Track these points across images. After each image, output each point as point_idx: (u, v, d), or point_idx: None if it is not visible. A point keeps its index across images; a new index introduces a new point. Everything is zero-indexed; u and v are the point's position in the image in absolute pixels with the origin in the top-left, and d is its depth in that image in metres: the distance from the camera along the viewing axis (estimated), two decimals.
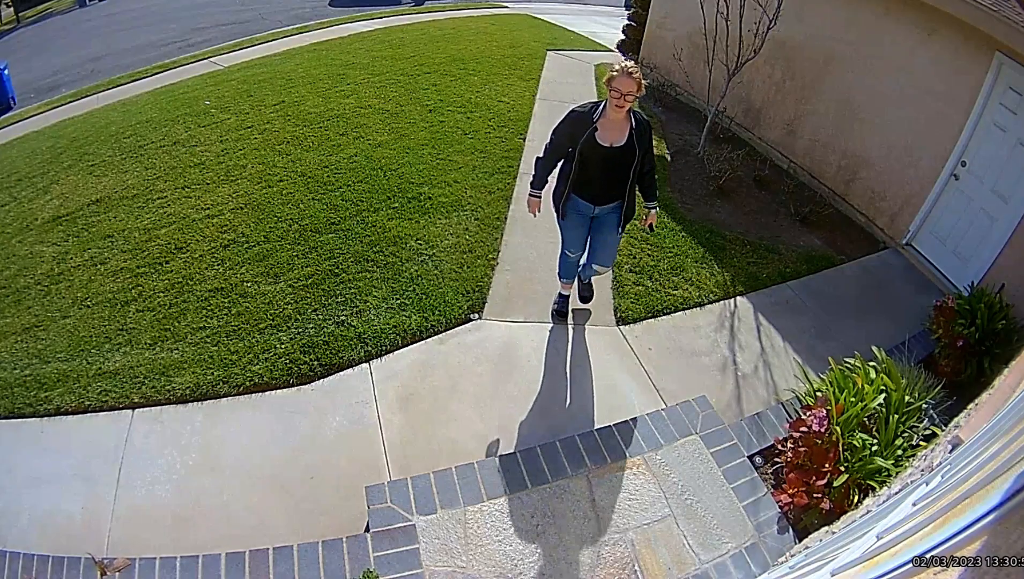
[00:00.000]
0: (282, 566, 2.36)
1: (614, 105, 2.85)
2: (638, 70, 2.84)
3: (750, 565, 2.49)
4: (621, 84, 2.80)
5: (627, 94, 2.80)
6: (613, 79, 2.83)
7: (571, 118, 3.03)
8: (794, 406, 3.28)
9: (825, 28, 5.34)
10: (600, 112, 2.96)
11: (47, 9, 15.58)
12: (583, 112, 2.99)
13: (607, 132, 2.96)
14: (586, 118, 2.97)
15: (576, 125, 2.99)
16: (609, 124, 2.95)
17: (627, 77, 2.79)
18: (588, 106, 3.02)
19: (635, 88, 2.81)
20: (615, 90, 2.81)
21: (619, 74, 2.81)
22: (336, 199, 4.73)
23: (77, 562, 2.40)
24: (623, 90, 2.79)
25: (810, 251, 4.76)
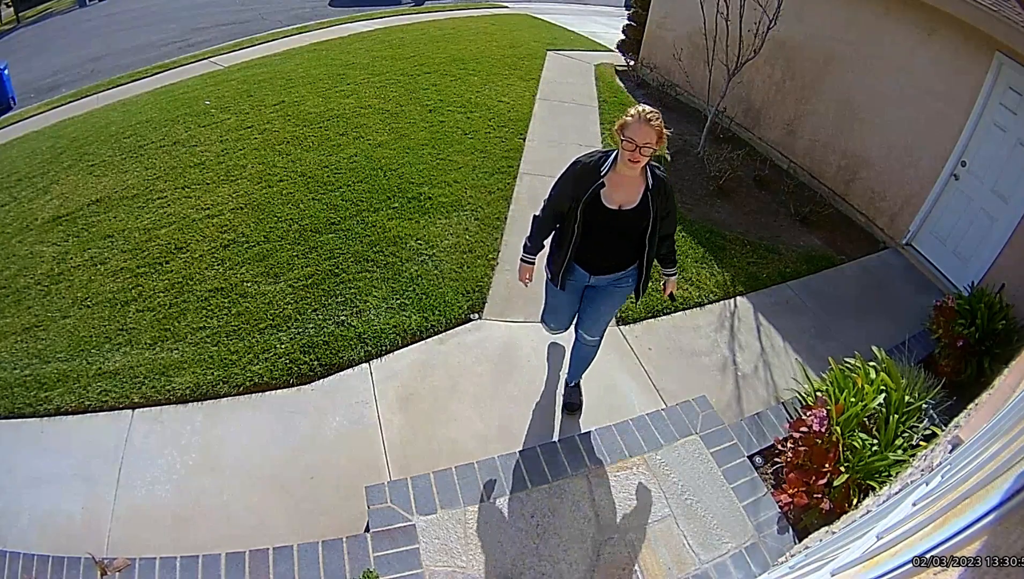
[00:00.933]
0: (282, 566, 2.36)
1: (627, 160, 2.34)
2: (658, 116, 2.32)
3: (750, 565, 2.50)
4: (637, 133, 2.28)
5: (644, 146, 2.28)
6: (627, 126, 2.31)
7: (574, 171, 2.53)
8: (794, 406, 3.28)
9: (825, 28, 5.34)
10: (609, 165, 2.44)
11: (47, 9, 15.58)
12: (588, 165, 2.49)
13: (616, 191, 2.46)
14: (592, 173, 2.47)
15: (579, 180, 2.48)
16: (619, 181, 2.45)
17: (645, 125, 2.28)
18: (596, 156, 2.51)
19: (654, 139, 2.29)
20: (629, 140, 2.29)
21: (635, 120, 2.29)
22: (336, 199, 4.73)
23: (77, 562, 2.40)
24: (639, 141, 2.28)
25: (810, 251, 4.76)
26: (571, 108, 6.87)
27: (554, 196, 2.60)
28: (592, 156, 2.52)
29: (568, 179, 2.54)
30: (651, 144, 2.29)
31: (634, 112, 2.32)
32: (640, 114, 2.30)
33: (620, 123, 2.35)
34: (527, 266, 2.79)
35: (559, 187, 2.58)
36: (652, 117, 2.30)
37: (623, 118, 2.35)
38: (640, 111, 2.32)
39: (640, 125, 2.28)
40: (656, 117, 2.31)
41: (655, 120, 2.30)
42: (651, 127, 2.29)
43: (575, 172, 2.52)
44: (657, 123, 2.30)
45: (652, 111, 2.31)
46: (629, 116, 2.33)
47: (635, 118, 2.30)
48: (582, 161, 2.53)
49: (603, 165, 2.46)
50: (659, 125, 2.31)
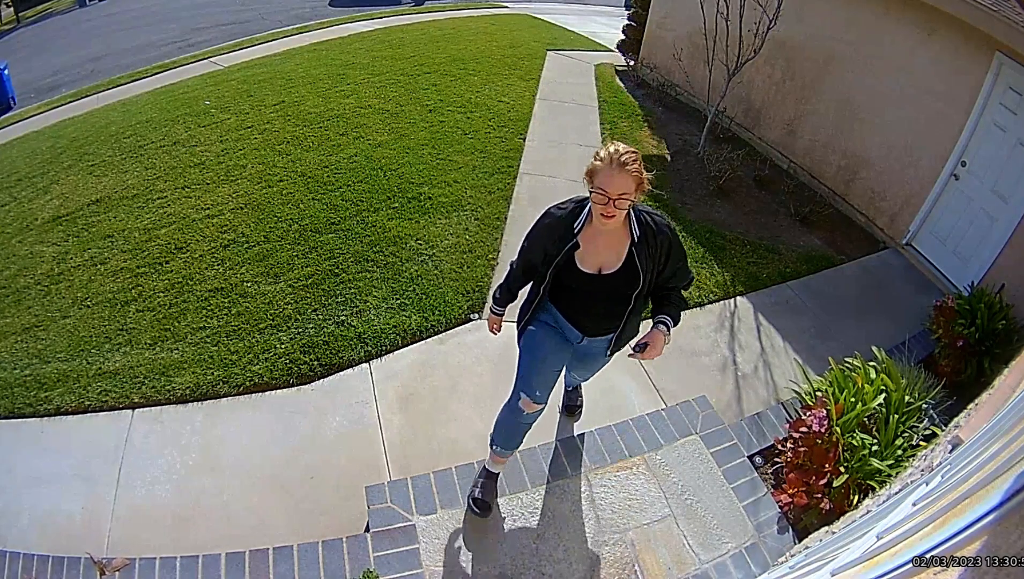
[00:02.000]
0: (282, 566, 2.36)
1: (599, 214, 1.90)
2: (635, 157, 1.86)
3: (750, 565, 2.49)
4: (609, 182, 1.83)
5: (620, 198, 1.84)
6: (596, 173, 1.87)
7: (543, 226, 2.12)
8: (794, 406, 3.28)
9: (825, 28, 5.34)
10: (584, 218, 2.01)
11: (47, 9, 15.58)
12: (559, 218, 2.06)
13: (593, 251, 2.03)
14: (563, 229, 2.03)
15: (549, 237, 2.07)
16: (596, 239, 2.01)
17: (618, 171, 1.83)
18: (568, 207, 2.06)
19: (632, 187, 1.85)
20: (599, 191, 1.85)
21: (605, 166, 1.85)
22: (336, 199, 4.73)
23: (77, 562, 2.40)
24: (612, 192, 1.83)
25: (810, 251, 4.76)
26: (571, 108, 6.87)
27: (524, 249, 2.22)
28: (564, 207, 2.08)
29: (537, 236, 2.15)
30: (628, 194, 1.84)
31: (604, 155, 1.87)
32: (612, 157, 1.84)
33: (588, 169, 1.91)
34: (495, 318, 2.47)
35: (529, 242, 2.19)
36: (628, 159, 1.83)
37: (591, 162, 1.90)
38: (612, 153, 1.85)
39: (612, 172, 1.83)
40: (632, 159, 1.85)
41: (632, 163, 1.84)
42: (627, 173, 1.83)
43: (544, 227, 2.11)
44: (634, 167, 1.84)
45: (627, 151, 1.86)
46: (598, 160, 1.88)
47: (605, 163, 1.85)
48: (552, 213, 2.10)
49: (577, 219, 2.02)
50: (637, 169, 1.85)
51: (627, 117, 6.75)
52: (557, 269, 2.07)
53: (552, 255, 2.06)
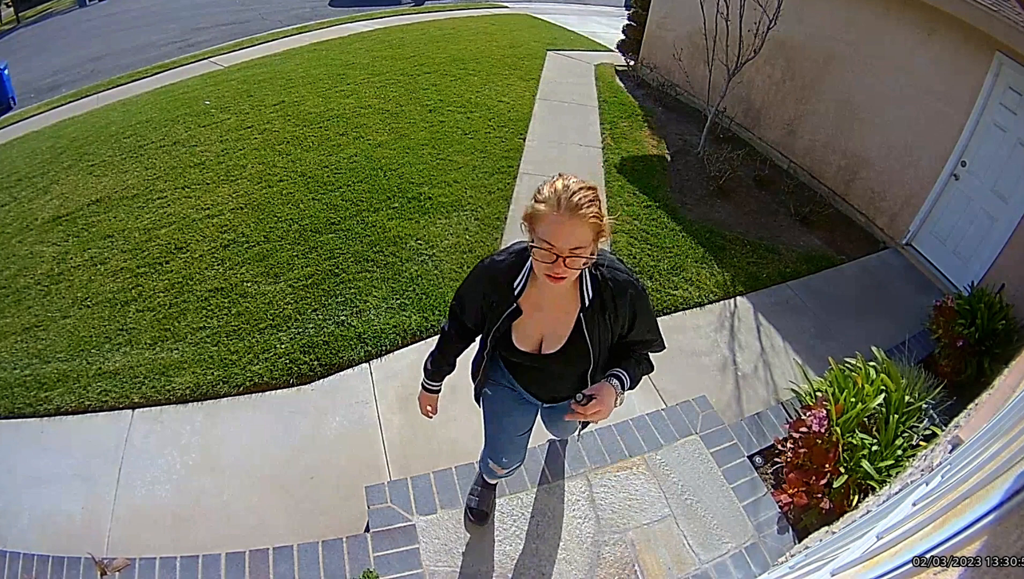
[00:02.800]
0: (282, 566, 2.36)
1: (543, 275, 1.41)
2: (593, 197, 1.36)
3: (750, 565, 2.49)
4: (556, 232, 1.34)
5: (571, 256, 1.35)
6: (538, 218, 1.37)
7: (477, 283, 1.67)
8: (794, 406, 3.28)
9: (825, 28, 5.34)
10: (525, 276, 1.56)
11: (47, 9, 15.58)
12: (496, 273, 1.60)
13: (535, 321, 1.62)
14: (500, 288, 1.59)
15: (484, 298, 1.65)
16: (540, 302, 1.58)
17: (568, 216, 1.33)
18: (508, 260, 1.59)
19: (588, 238, 1.36)
20: (544, 245, 1.35)
21: (550, 208, 1.34)
22: (336, 199, 4.73)
23: (77, 562, 2.40)
24: (560, 246, 1.34)
25: (810, 251, 4.76)
26: (571, 108, 6.87)
27: (455, 311, 1.81)
28: (504, 257, 1.60)
29: (470, 296, 1.71)
30: (583, 249, 1.34)
31: (548, 193, 1.35)
32: (561, 198, 1.32)
33: (527, 213, 1.39)
34: (428, 396, 1.96)
35: (460, 303, 1.77)
36: (582, 200, 1.32)
37: (532, 204, 1.38)
38: (560, 192, 1.33)
39: (561, 218, 1.31)
40: (588, 199, 1.33)
41: (587, 204, 1.32)
42: (581, 219, 1.32)
43: (478, 284, 1.67)
44: (591, 209, 1.33)
45: (580, 187, 1.34)
46: (541, 201, 1.35)
47: (551, 205, 1.33)
48: (488, 267, 1.63)
49: (518, 276, 1.57)
50: (595, 213, 1.34)
51: (627, 117, 6.76)
52: (494, 338, 1.67)
53: (490, 318, 1.65)
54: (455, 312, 1.83)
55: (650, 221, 4.80)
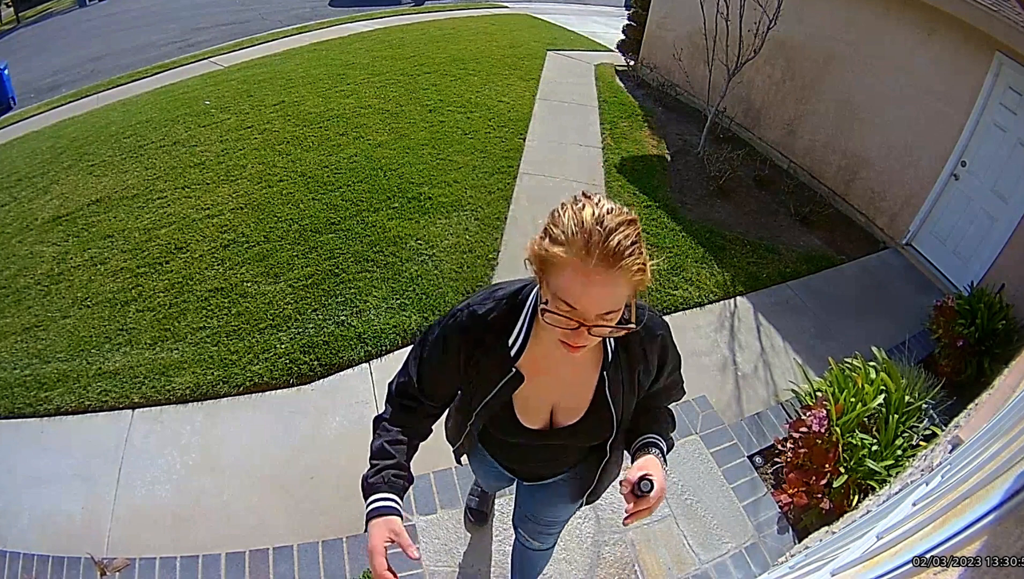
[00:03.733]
0: (282, 566, 2.37)
1: (559, 341, 1.03)
2: (634, 235, 0.95)
3: (750, 565, 2.50)
4: (583, 292, 0.94)
5: (600, 325, 0.97)
6: (557, 267, 0.95)
7: (447, 345, 1.21)
8: (794, 406, 3.28)
9: (825, 28, 5.34)
10: (524, 330, 1.15)
11: (47, 9, 15.57)
12: (480, 330, 1.17)
13: (542, 387, 1.21)
14: (487, 350, 1.17)
15: (463, 369, 1.22)
16: (546, 364, 1.18)
17: (603, 270, 0.92)
18: (493, 310, 1.17)
19: (622, 300, 0.99)
20: (563, 311, 0.96)
21: (576, 255, 0.93)
22: (336, 199, 4.73)
23: (77, 562, 2.40)
24: (588, 310, 0.95)
25: (810, 251, 4.76)
26: (571, 108, 6.87)
27: (421, 379, 1.26)
28: (489, 306, 1.17)
29: (442, 362, 1.22)
30: (616, 313, 0.98)
31: (570, 227, 0.93)
32: (592, 240, 0.91)
33: (539, 254, 0.98)
34: (382, 527, 1.20)
35: (428, 370, 1.25)
36: (622, 244, 0.92)
37: (546, 244, 0.96)
38: (589, 229, 0.92)
39: (591, 273, 0.92)
40: (629, 240, 0.93)
41: (628, 250, 0.93)
42: (619, 273, 0.93)
43: (451, 351, 1.20)
44: (633, 259, 0.94)
45: (620, 222, 0.94)
46: (559, 240, 0.94)
47: (577, 249, 0.92)
48: (464, 325, 1.17)
49: (513, 331, 1.14)
50: (639, 264, 0.95)
51: (627, 117, 6.75)
52: (481, 411, 1.25)
53: (475, 394, 1.22)
54: (407, 392, 1.26)
55: (650, 221, 4.80)
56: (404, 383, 1.29)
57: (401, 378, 1.31)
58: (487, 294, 1.21)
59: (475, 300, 1.20)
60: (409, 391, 1.29)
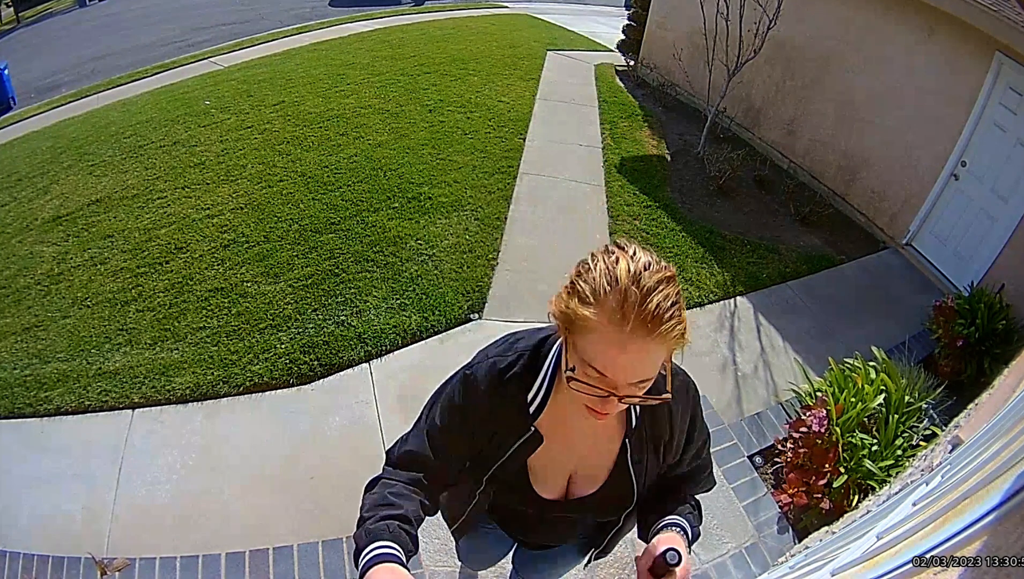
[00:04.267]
0: (282, 566, 2.37)
1: (583, 407, 0.92)
2: (675, 298, 0.84)
3: (750, 565, 2.49)
4: (614, 359, 0.83)
5: (631, 393, 0.88)
6: (582, 325, 0.85)
7: (470, 405, 1.08)
8: (794, 406, 3.28)
9: (825, 28, 5.34)
10: (545, 386, 1.04)
11: (47, 9, 15.57)
12: (505, 390, 1.05)
13: (560, 452, 1.10)
14: (507, 409, 1.06)
15: (482, 426, 1.08)
16: (565, 425, 1.07)
17: (639, 337, 0.81)
18: (515, 364, 1.06)
19: (658, 366, 0.87)
20: (588, 369, 0.86)
21: (611, 316, 0.82)
22: (336, 199, 4.73)
23: (77, 562, 2.40)
24: (619, 379, 0.85)
25: (810, 251, 4.76)
26: (571, 108, 6.87)
27: (431, 445, 1.10)
28: (511, 359, 1.07)
29: (458, 425, 1.09)
30: (650, 380, 0.88)
31: (603, 285, 0.84)
32: (628, 302, 0.81)
33: (566, 312, 0.88)
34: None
35: (440, 434, 1.10)
36: (662, 306, 0.82)
37: (574, 303, 0.87)
38: (625, 289, 0.82)
39: (627, 340, 0.82)
40: (670, 300, 0.83)
41: (668, 313, 0.83)
42: (658, 340, 0.83)
43: (475, 411, 1.07)
44: (674, 324, 0.84)
45: (659, 279, 0.84)
46: (589, 300, 0.85)
47: (613, 316, 0.82)
48: (489, 382, 1.06)
49: (532, 386, 1.04)
50: (681, 329, 0.85)
51: (627, 117, 6.76)
52: (495, 475, 1.12)
53: (489, 457, 1.10)
54: (416, 459, 1.09)
55: (650, 221, 4.80)
56: (412, 452, 1.10)
57: (406, 446, 1.12)
58: (507, 345, 1.11)
59: (494, 351, 1.11)
60: (418, 458, 1.09)
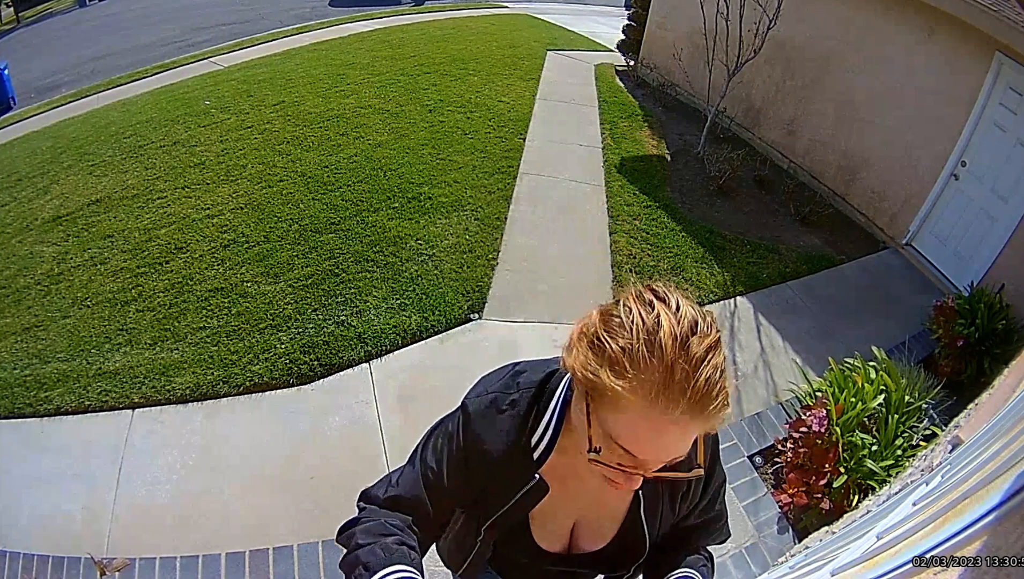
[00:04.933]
0: (282, 566, 2.37)
1: (601, 477, 0.79)
2: (723, 367, 0.70)
3: (750, 565, 2.49)
4: (648, 441, 0.71)
5: (659, 474, 0.78)
6: (609, 399, 0.71)
7: (470, 450, 0.96)
8: (794, 406, 3.28)
9: (825, 28, 5.34)
10: (551, 430, 0.92)
11: (47, 9, 15.56)
12: (500, 432, 0.94)
13: (564, 503, 0.99)
14: (510, 455, 0.93)
15: (480, 472, 0.96)
16: (572, 477, 0.95)
17: (684, 418, 0.69)
18: (519, 404, 0.94)
19: (690, 445, 0.74)
20: (615, 447, 0.73)
21: (642, 398, 0.68)
22: (336, 199, 4.73)
23: (77, 562, 2.40)
24: (650, 459, 0.74)
25: (810, 251, 4.76)
26: (571, 108, 6.87)
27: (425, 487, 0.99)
28: (515, 397, 0.96)
29: (453, 470, 0.98)
30: (681, 458, 0.76)
31: (641, 353, 0.69)
32: (674, 379, 0.67)
33: (591, 381, 0.72)
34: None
35: (436, 478, 0.99)
36: (711, 381, 0.68)
37: (606, 373, 0.70)
38: (671, 362, 0.68)
39: (667, 422, 0.69)
40: (719, 370, 0.70)
41: (717, 387, 0.69)
42: (702, 420, 0.70)
43: (465, 449, 0.97)
44: (722, 401, 0.70)
45: (707, 346, 0.69)
46: (622, 373, 0.69)
47: (652, 394, 0.68)
48: (487, 407, 0.97)
49: (537, 428, 0.93)
50: (724, 400, 0.70)
51: (627, 117, 6.76)
52: (494, 524, 1.01)
53: (488, 505, 0.99)
54: (400, 503, 0.97)
55: (650, 221, 4.80)
56: (400, 496, 0.97)
57: (394, 488, 0.98)
58: (509, 379, 0.98)
59: (495, 386, 0.98)
60: (409, 501, 0.96)
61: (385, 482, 1.02)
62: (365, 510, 0.97)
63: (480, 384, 1.03)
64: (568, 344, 0.79)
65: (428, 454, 1.01)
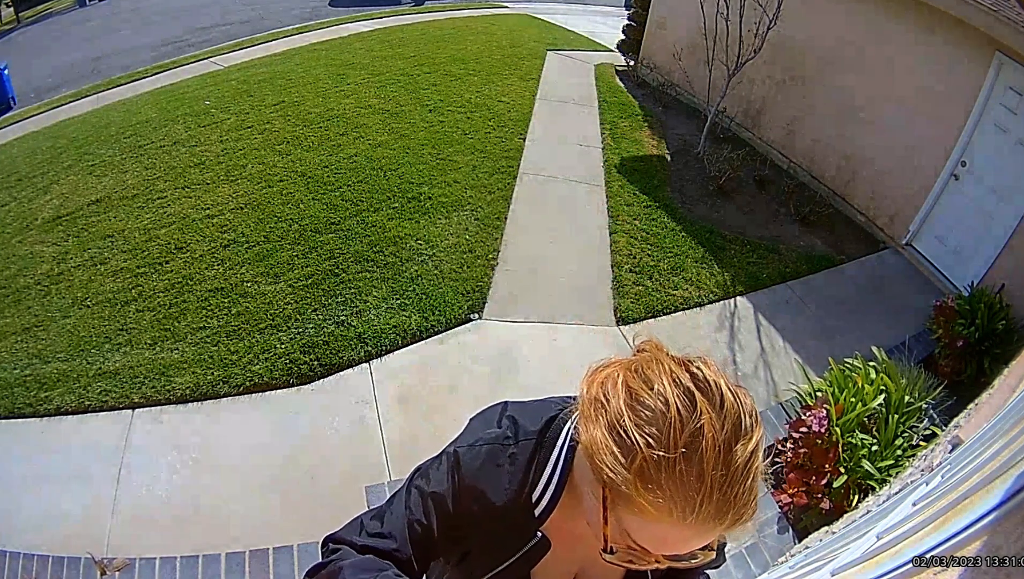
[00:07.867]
0: (282, 566, 2.37)
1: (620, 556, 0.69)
2: (757, 469, 0.62)
3: (750, 565, 2.49)
4: (667, 545, 0.65)
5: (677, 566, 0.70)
6: (629, 505, 0.63)
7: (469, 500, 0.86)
8: (794, 406, 3.28)
9: (825, 28, 5.34)
10: (554, 485, 0.83)
11: (47, 9, 15.56)
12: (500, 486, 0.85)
13: (564, 557, 0.91)
14: (509, 509, 0.84)
15: (480, 524, 0.86)
16: (573, 532, 0.86)
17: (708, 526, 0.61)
18: (519, 456, 0.86)
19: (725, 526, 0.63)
20: (631, 541, 0.67)
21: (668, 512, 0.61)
22: (336, 199, 4.73)
23: (77, 562, 2.40)
24: (663, 554, 0.67)
25: (810, 251, 4.76)
26: (571, 108, 6.87)
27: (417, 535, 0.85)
28: (508, 449, 0.87)
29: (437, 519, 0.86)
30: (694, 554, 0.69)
31: (679, 466, 0.60)
32: (711, 492, 0.60)
33: (612, 482, 0.63)
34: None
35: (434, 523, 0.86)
36: (750, 489, 0.62)
37: (631, 480, 0.61)
38: (710, 472, 0.60)
39: (691, 529, 0.62)
40: (752, 475, 0.62)
41: (748, 493, 0.62)
42: (728, 526, 0.63)
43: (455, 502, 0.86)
44: (750, 509, 0.63)
45: (746, 452, 0.62)
46: (653, 483, 0.61)
47: (689, 506, 0.60)
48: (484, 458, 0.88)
49: (539, 483, 0.85)
50: (755, 507, 0.63)
51: (627, 117, 6.75)
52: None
53: (484, 562, 0.93)
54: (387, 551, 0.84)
55: (650, 221, 4.80)
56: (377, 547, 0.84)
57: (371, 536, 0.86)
58: (504, 429, 0.89)
59: (489, 436, 0.89)
60: (386, 550, 0.84)
61: (356, 526, 0.90)
62: (340, 551, 0.85)
63: (469, 431, 0.95)
64: (581, 409, 0.70)
65: (411, 503, 0.88)
